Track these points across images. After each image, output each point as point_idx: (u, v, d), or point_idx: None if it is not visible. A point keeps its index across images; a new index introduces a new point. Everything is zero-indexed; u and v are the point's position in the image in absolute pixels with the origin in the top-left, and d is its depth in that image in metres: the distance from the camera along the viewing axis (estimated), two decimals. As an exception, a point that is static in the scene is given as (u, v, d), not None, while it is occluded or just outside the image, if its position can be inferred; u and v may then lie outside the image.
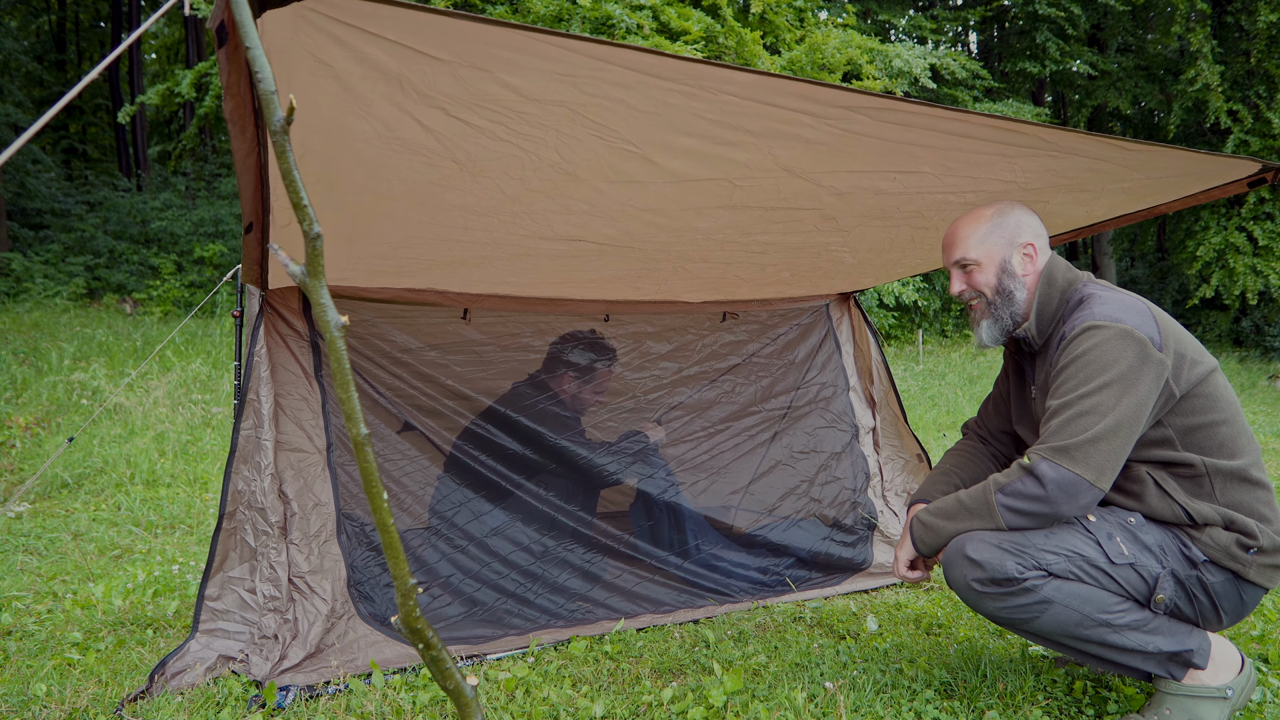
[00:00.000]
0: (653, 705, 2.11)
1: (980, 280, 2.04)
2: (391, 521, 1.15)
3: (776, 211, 2.39)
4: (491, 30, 1.34)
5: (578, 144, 1.82)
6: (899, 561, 2.08)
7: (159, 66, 25.08)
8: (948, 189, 2.28)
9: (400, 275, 2.71)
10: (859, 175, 2.18)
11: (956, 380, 11.42)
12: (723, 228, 2.46)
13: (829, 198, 2.32)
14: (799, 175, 2.12)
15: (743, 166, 2.04)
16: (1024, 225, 2.05)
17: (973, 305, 2.08)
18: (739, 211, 2.34)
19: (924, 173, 2.17)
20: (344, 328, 1.08)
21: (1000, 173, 2.17)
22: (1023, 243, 2.03)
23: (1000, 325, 2.04)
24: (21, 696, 2.13)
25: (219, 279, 12.35)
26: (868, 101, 1.69)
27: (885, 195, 2.34)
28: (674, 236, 2.50)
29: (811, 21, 13.75)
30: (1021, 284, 2.02)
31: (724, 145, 1.90)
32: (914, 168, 2.13)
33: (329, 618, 2.36)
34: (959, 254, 2.07)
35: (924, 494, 2.24)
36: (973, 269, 2.05)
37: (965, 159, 2.07)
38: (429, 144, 1.73)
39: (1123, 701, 2.08)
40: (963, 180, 2.21)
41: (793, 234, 2.61)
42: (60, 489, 5.15)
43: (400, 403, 2.84)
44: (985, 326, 2.06)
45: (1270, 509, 1.84)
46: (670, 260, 2.78)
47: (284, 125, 0.99)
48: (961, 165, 2.12)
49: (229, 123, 1.47)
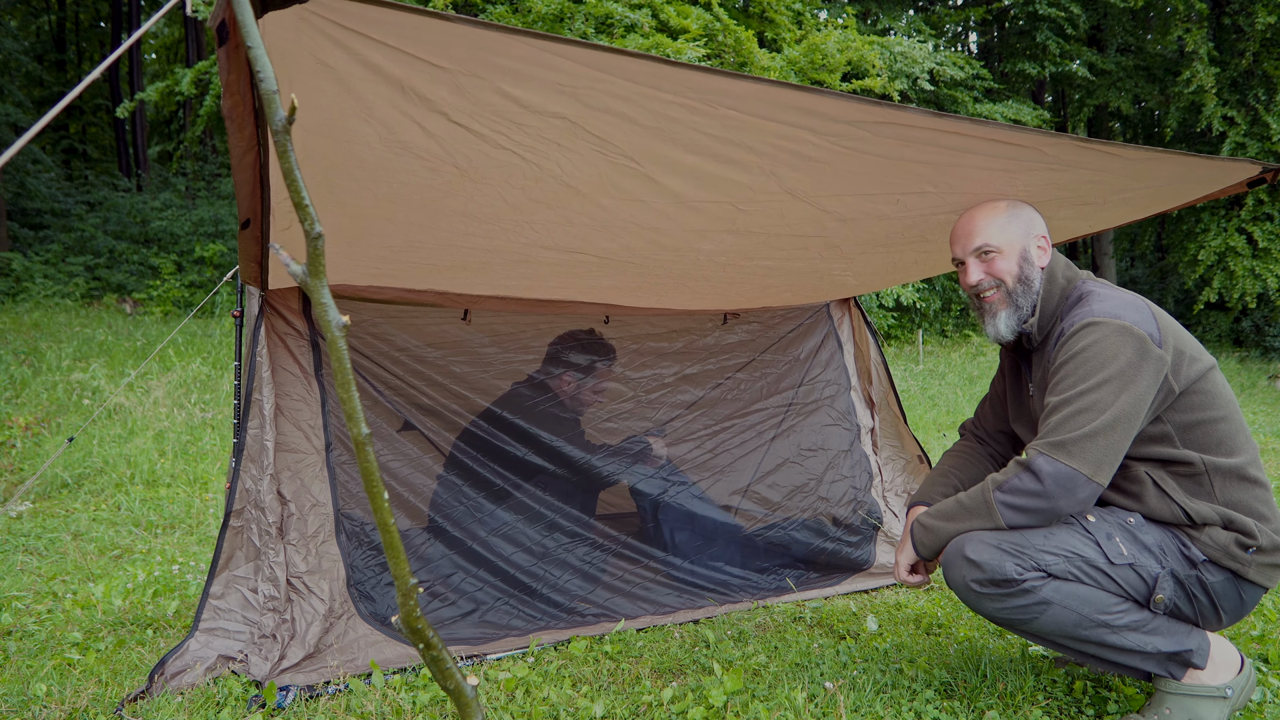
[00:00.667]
0: (653, 705, 2.11)
1: (1002, 267, 2.02)
2: (392, 521, 1.15)
3: (780, 238, 2.39)
4: (490, 36, 1.34)
5: (579, 158, 1.81)
6: (899, 566, 2.08)
7: (159, 66, 25.08)
8: (950, 208, 2.28)
9: (400, 277, 2.71)
10: (862, 199, 2.18)
11: (956, 380, 11.42)
12: (725, 250, 2.46)
13: (833, 224, 2.31)
14: (802, 199, 2.12)
15: (746, 189, 2.03)
16: (1036, 219, 2.09)
17: (987, 297, 2.05)
18: (742, 236, 2.33)
19: (927, 193, 2.16)
20: (345, 327, 1.08)
21: (1003, 188, 2.17)
22: (1038, 234, 2.06)
23: (1019, 314, 2.02)
24: (21, 696, 2.13)
25: (219, 279, 12.35)
26: (867, 114, 1.67)
27: (889, 221, 2.34)
28: (676, 255, 2.50)
29: (810, 23, 13.75)
30: (1038, 274, 2.02)
31: (726, 164, 1.89)
32: (917, 188, 2.13)
33: (327, 617, 2.36)
34: (980, 241, 2.04)
35: (923, 496, 2.24)
36: (994, 256, 2.03)
37: (967, 175, 2.07)
38: (430, 148, 1.73)
39: (1123, 701, 2.09)
40: (965, 198, 2.21)
41: (796, 260, 2.61)
42: (60, 489, 5.15)
43: (401, 402, 2.84)
44: (1004, 317, 2.03)
45: (1269, 507, 1.85)
46: (671, 277, 2.78)
47: (285, 125, 0.99)
48: (964, 183, 2.11)
49: (227, 120, 1.47)
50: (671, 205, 2.08)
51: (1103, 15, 17.31)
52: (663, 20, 10.88)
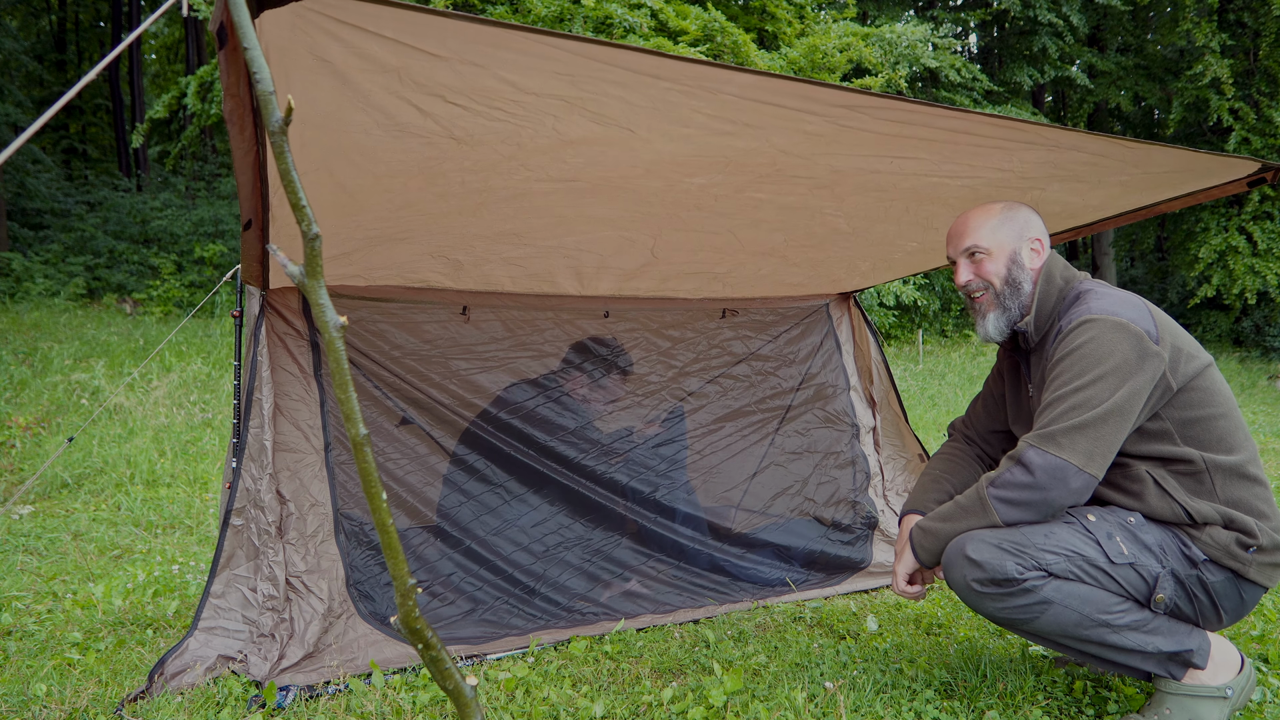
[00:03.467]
0: (653, 705, 2.11)
1: (990, 270, 2.04)
2: (390, 521, 1.15)
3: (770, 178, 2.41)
4: (489, 31, 1.34)
5: (575, 126, 1.83)
6: (898, 576, 2.07)
7: (159, 66, 25.09)
8: (945, 174, 2.30)
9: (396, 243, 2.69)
10: (857, 159, 2.19)
11: (956, 380, 11.42)
12: (717, 184, 2.48)
13: (824, 173, 2.34)
14: (795, 155, 2.14)
15: (740, 150, 2.05)
16: (1032, 221, 2.08)
17: (976, 298, 2.07)
18: (734, 174, 2.36)
19: (921, 158, 2.18)
20: (343, 328, 1.08)
21: (998, 162, 2.19)
22: (1032, 237, 2.05)
23: (1008, 317, 2.03)
24: (21, 696, 2.13)
25: (219, 279, 12.35)
26: (868, 101, 1.69)
27: (881, 174, 2.36)
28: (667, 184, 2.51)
29: (811, 18, 13.75)
30: (1029, 276, 2.03)
31: (722, 135, 1.91)
32: (912, 154, 2.15)
33: (326, 617, 2.36)
34: (969, 242, 2.06)
35: (915, 504, 2.24)
36: (983, 258, 2.04)
37: (963, 150, 2.09)
38: (427, 125, 1.74)
39: (1123, 701, 2.08)
40: (960, 167, 2.23)
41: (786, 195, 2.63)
42: (60, 489, 5.15)
43: (399, 400, 2.84)
44: (993, 319, 2.04)
45: (1269, 506, 1.85)
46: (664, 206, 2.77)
47: (282, 126, 0.99)
48: (961, 154, 2.14)
49: (228, 122, 1.48)
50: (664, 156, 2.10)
51: (1102, 16, 17.31)
52: (661, 21, 10.88)
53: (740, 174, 2.35)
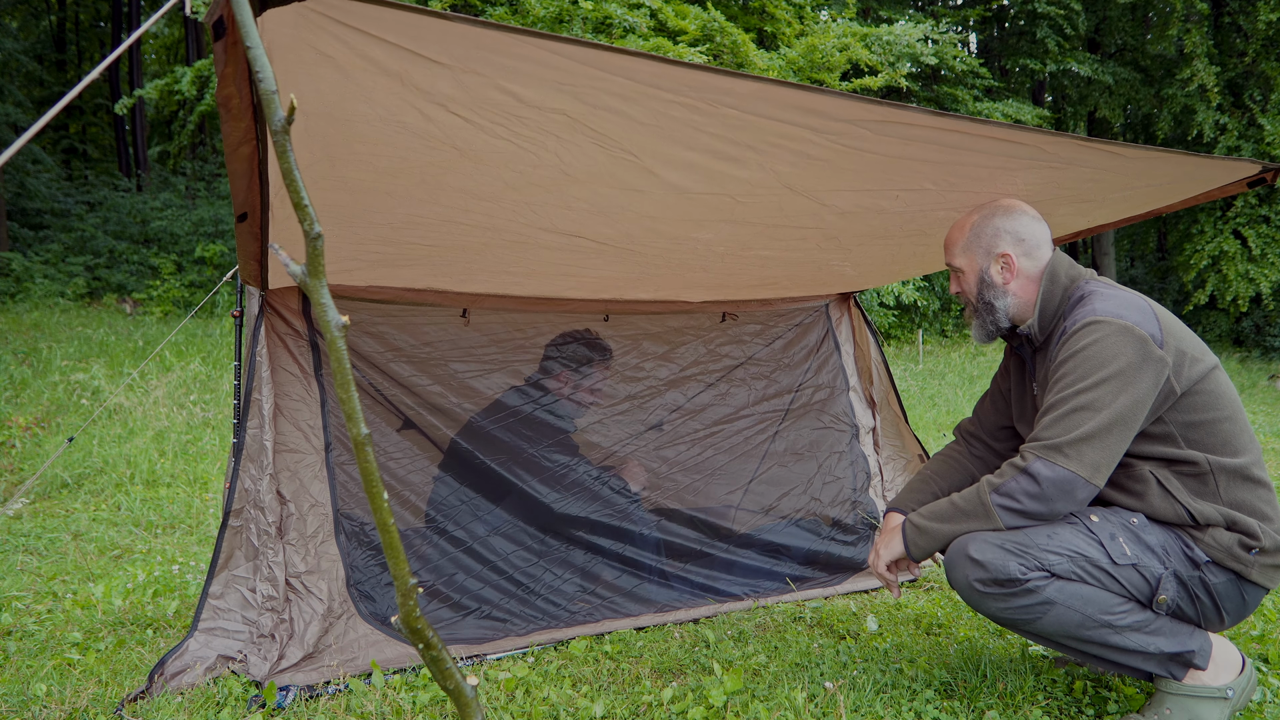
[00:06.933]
0: (653, 705, 2.10)
1: (965, 287, 2.13)
2: (392, 521, 1.15)
3: (779, 229, 2.39)
4: (489, 35, 1.34)
5: (578, 150, 1.82)
6: (880, 558, 2.06)
7: (159, 66, 25.08)
8: (950, 205, 2.28)
9: (400, 267, 2.70)
10: (861, 194, 2.19)
11: (956, 380, 11.42)
12: (723, 240, 2.46)
13: (831, 217, 2.32)
14: (801, 193, 2.13)
15: (745, 183, 2.04)
16: (1001, 234, 2.04)
17: (964, 306, 2.18)
18: (740, 226, 2.34)
19: (926, 189, 2.17)
20: (344, 327, 1.08)
21: (1002, 186, 2.18)
22: (999, 253, 2.04)
23: (985, 330, 2.12)
24: (21, 696, 2.13)
25: (219, 279, 12.36)
26: (869, 112, 1.68)
27: (888, 215, 2.34)
28: (674, 244, 2.50)
29: (810, 18, 13.75)
30: (1003, 293, 2.05)
31: (726, 161, 1.90)
32: (916, 185, 2.14)
33: (325, 617, 2.36)
34: (948, 258, 2.16)
35: (901, 502, 2.26)
36: (959, 275, 2.14)
37: (967, 173, 2.07)
38: (430, 130, 1.73)
39: (1123, 701, 2.08)
40: (965, 195, 2.21)
41: (794, 250, 2.62)
42: (60, 489, 5.15)
43: (400, 401, 2.84)
44: (975, 327, 2.15)
45: (1272, 508, 1.84)
46: (669, 266, 2.78)
47: (285, 125, 0.99)
48: (964, 180, 2.12)
49: (221, 109, 1.45)
50: (669, 195, 2.10)
51: (1102, 17, 17.31)
52: (661, 21, 10.89)
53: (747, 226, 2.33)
